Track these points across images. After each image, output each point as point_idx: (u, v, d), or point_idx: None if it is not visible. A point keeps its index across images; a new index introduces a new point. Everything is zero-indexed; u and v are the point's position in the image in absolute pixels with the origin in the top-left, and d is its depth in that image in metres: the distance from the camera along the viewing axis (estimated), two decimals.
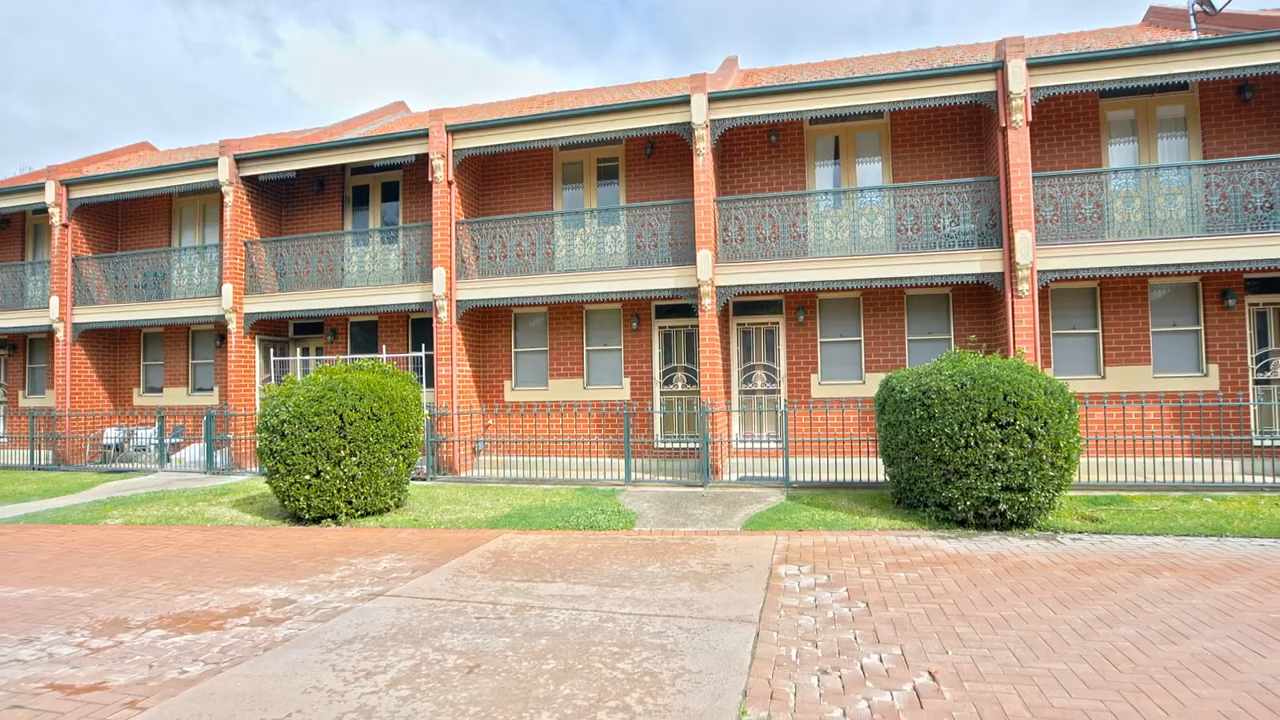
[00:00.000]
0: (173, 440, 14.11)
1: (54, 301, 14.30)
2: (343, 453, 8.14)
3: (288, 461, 8.10)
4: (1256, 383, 10.43)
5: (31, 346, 16.58)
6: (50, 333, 15.38)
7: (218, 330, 14.90)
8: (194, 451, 13.93)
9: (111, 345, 15.57)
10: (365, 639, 4.53)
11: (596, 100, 15.00)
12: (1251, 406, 10.31)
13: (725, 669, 3.91)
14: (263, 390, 13.84)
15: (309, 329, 14.68)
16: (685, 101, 11.05)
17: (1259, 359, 10.50)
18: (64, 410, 14.32)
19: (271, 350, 14.02)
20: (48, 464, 14.11)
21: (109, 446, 14.48)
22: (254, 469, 12.73)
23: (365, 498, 8.44)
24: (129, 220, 15.98)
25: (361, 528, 8.13)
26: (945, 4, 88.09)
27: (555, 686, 3.73)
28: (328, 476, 8.11)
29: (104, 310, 14.28)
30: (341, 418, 8.14)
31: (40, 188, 14.46)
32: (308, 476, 8.09)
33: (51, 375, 16.18)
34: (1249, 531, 6.88)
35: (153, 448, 14.42)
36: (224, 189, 13.23)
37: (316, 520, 8.31)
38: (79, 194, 14.37)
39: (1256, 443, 10.16)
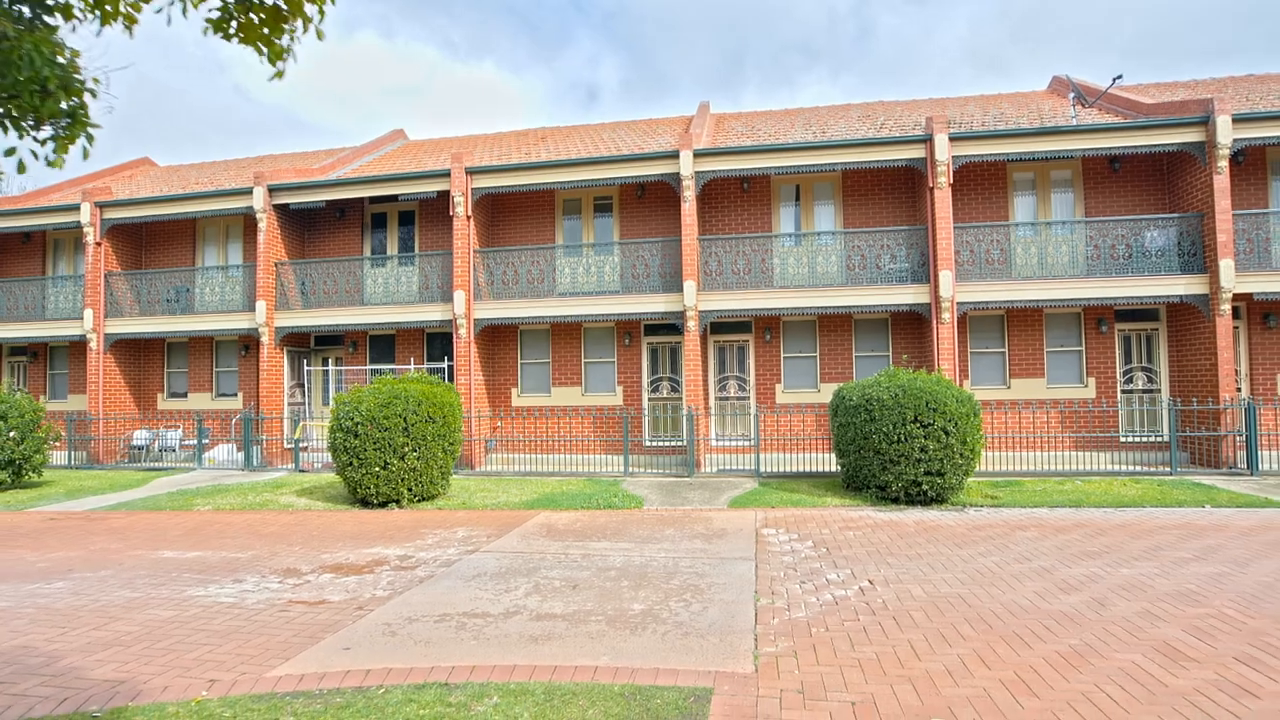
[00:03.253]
0: (202, 441, 15.51)
1: (88, 314, 15.54)
2: (406, 449, 9.99)
3: (360, 456, 9.90)
4: (1123, 392, 13.21)
5: (52, 354, 17.63)
6: (72, 341, 16.56)
7: (242, 341, 16.34)
8: (223, 451, 15.40)
9: (136, 354, 16.81)
10: (487, 575, 6.50)
11: (588, 136, 17.09)
12: (1119, 411, 13.06)
13: (740, 582, 6.05)
14: (290, 395, 15.41)
15: (330, 341, 16.28)
16: (674, 155, 13.21)
17: (1124, 373, 13.27)
18: (98, 414, 15.56)
19: (305, 361, 15.61)
20: (81, 464, 15.34)
21: (138, 447, 15.79)
22: (288, 466, 14.31)
23: (422, 486, 10.30)
24: (154, 237, 17.24)
25: (422, 510, 9.99)
26: (890, 21, 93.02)
27: (634, 592, 5.81)
28: (393, 468, 9.95)
29: (136, 322, 15.59)
30: (405, 420, 9.98)
31: (75, 208, 15.69)
32: (377, 468, 9.91)
33: (73, 381, 17.30)
34: (1100, 503, 9.41)
35: (180, 448, 15.82)
36: (258, 215, 14.78)
37: (383, 504, 10.13)
38: (112, 215, 15.65)
39: (1122, 439, 12.91)
